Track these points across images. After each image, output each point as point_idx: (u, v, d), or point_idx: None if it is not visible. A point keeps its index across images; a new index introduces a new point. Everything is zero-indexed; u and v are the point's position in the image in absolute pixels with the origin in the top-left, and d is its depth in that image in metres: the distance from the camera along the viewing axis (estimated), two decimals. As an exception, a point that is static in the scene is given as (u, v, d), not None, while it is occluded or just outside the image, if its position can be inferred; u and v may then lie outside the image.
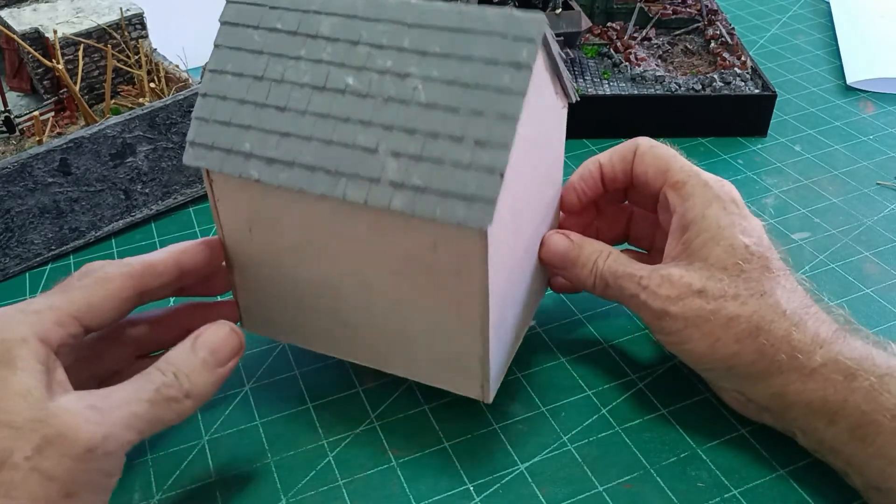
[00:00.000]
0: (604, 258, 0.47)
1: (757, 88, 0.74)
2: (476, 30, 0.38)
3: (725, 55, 0.78)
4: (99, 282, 0.41)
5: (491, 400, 0.45)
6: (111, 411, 0.36)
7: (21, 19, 0.69)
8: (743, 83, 0.74)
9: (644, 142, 0.49)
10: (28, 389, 0.35)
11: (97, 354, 0.44)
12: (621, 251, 0.48)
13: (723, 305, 0.43)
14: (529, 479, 0.45)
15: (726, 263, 0.43)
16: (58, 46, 0.64)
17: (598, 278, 0.47)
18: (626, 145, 0.50)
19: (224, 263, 0.47)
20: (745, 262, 0.43)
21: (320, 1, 0.41)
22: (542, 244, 0.48)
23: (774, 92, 0.73)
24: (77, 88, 0.64)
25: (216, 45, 0.42)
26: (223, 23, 0.42)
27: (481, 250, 0.39)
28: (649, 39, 0.83)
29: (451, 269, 0.40)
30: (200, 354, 0.40)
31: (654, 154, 0.48)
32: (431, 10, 0.40)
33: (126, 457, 0.37)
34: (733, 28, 0.83)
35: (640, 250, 0.54)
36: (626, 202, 0.54)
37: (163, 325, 0.48)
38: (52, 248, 0.61)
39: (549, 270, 0.51)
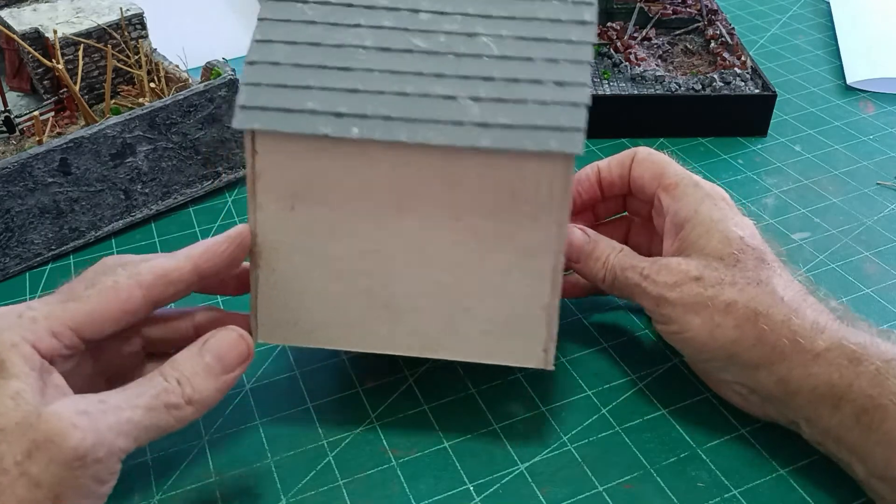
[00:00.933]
0: (615, 253, 0.48)
1: (757, 88, 0.74)
2: None
3: (725, 55, 0.78)
4: (104, 292, 0.39)
5: (552, 365, 0.44)
6: (103, 417, 0.35)
7: (21, 19, 0.69)
8: (743, 83, 0.74)
9: (643, 150, 0.51)
10: (17, 392, 0.35)
11: (104, 351, 0.43)
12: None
13: (720, 291, 0.43)
14: (529, 479, 0.45)
15: (722, 253, 0.44)
16: (58, 46, 0.64)
17: (608, 272, 0.48)
18: (625, 152, 0.52)
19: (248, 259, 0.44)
20: (740, 252, 0.44)
21: None
22: None
23: (774, 92, 0.73)
24: (77, 88, 0.64)
25: (260, 19, 0.41)
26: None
27: (566, 181, 0.40)
28: (649, 39, 0.83)
29: (527, 214, 0.41)
30: (206, 359, 0.39)
31: (651, 160, 0.50)
32: None
33: (126, 458, 0.37)
34: (733, 28, 0.83)
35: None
36: (626, 213, 0.55)
37: (176, 327, 0.46)
38: (52, 248, 0.61)
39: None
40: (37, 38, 0.67)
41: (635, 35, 0.83)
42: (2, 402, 0.34)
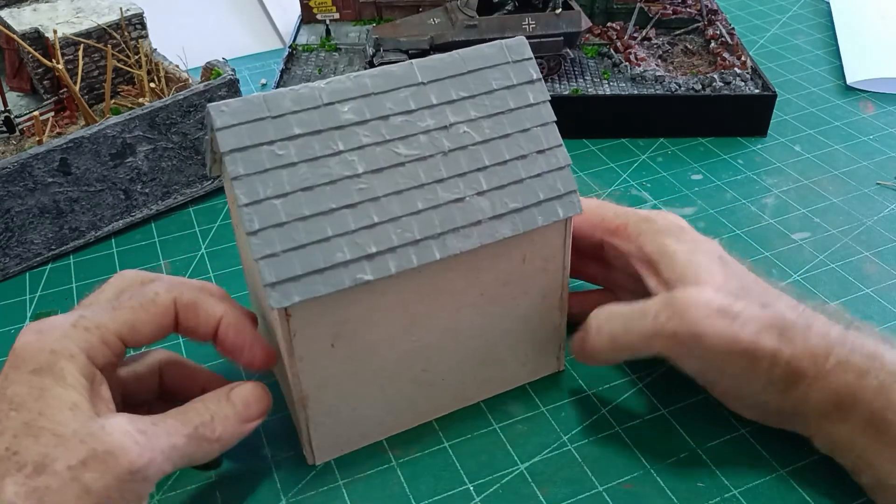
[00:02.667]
0: (604, 320, 0.45)
1: (757, 88, 0.74)
2: (482, 66, 0.43)
3: (725, 55, 0.78)
4: (146, 305, 0.41)
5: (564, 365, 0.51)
6: (158, 438, 0.37)
7: (21, 19, 0.69)
8: (743, 83, 0.74)
9: None
10: (75, 403, 0.36)
11: (126, 385, 0.44)
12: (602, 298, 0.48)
13: (749, 317, 0.41)
14: (529, 479, 0.45)
15: (719, 282, 0.43)
16: (58, 46, 0.64)
17: (612, 342, 0.45)
18: None
19: (293, 399, 0.44)
20: (730, 278, 0.44)
21: (326, 91, 0.40)
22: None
23: (774, 92, 0.73)
24: (77, 88, 0.64)
25: (235, 178, 0.38)
26: (228, 152, 0.38)
27: (568, 234, 0.45)
28: (649, 39, 0.83)
29: (539, 269, 0.46)
30: (236, 406, 0.41)
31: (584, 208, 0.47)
32: (436, 64, 0.43)
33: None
34: (733, 28, 0.83)
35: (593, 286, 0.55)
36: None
37: (193, 376, 0.46)
38: (52, 248, 0.61)
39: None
40: (37, 38, 0.67)
41: (635, 35, 0.83)
42: (61, 411, 0.36)
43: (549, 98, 0.44)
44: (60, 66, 0.62)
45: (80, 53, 0.66)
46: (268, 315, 0.44)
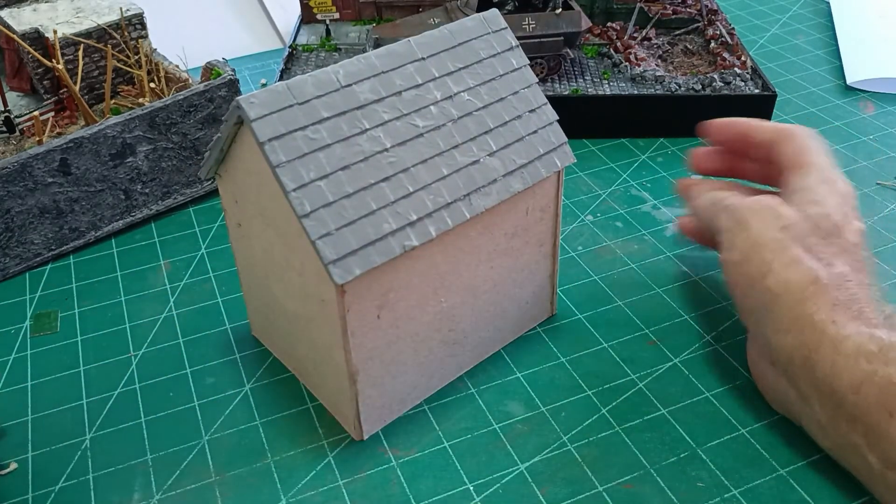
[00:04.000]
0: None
1: (757, 88, 0.74)
2: (468, 38, 0.47)
3: (725, 55, 0.78)
4: None
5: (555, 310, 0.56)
6: None
7: (21, 19, 0.69)
8: (743, 83, 0.74)
9: (800, 131, 0.53)
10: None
11: None
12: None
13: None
14: (529, 479, 0.45)
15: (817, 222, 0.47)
16: (58, 46, 0.64)
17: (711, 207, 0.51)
18: (784, 129, 0.54)
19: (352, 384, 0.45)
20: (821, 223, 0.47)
21: (342, 74, 0.42)
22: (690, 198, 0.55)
23: (774, 92, 0.73)
24: (77, 88, 0.64)
25: (277, 166, 0.39)
26: (266, 141, 0.39)
27: (558, 184, 0.50)
28: (649, 39, 0.83)
29: (537, 219, 0.50)
30: None
31: (800, 136, 0.53)
32: (429, 40, 0.46)
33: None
34: (733, 28, 0.83)
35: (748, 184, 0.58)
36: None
37: None
38: (52, 248, 0.61)
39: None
40: (37, 38, 0.67)
41: (635, 35, 0.83)
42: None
43: (528, 63, 0.49)
44: (60, 66, 0.62)
45: (80, 53, 0.66)
46: (293, 304, 0.46)
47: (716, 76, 0.74)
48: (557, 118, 0.49)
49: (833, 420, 0.42)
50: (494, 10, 0.49)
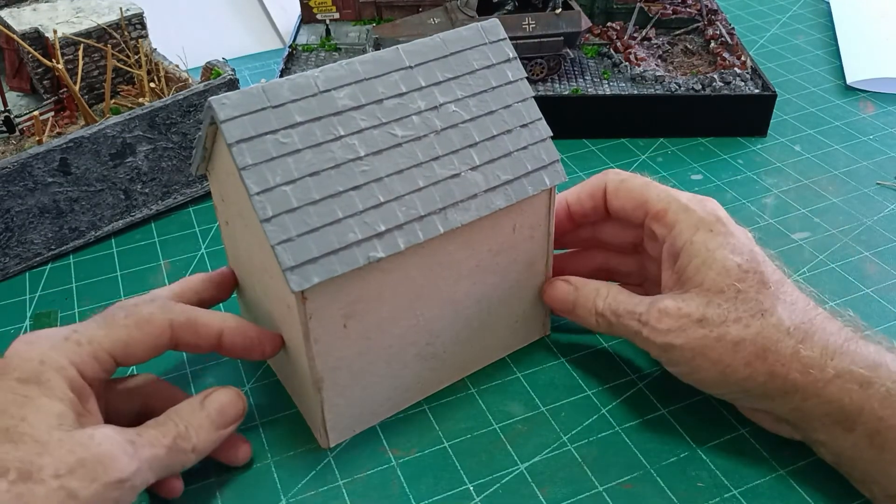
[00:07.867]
0: (602, 297, 0.47)
1: (757, 88, 0.74)
2: (462, 48, 0.45)
3: (725, 55, 0.78)
4: (140, 324, 0.41)
5: (549, 329, 0.54)
6: (143, 449, 0.38)
7: (21, 19, 0.69)
8: (743, 83, 0.74)
9: (612, 177, 0.49)
10: (61, 413, 0.37)
11: (109, 403, 0.44)
12: (619, 286, 0.48)
13: (726, 331, 0.42)
14: (529, 479, 0.45)
15: (722, 286, 0.43)
16: (58, 46, 0.64)
17: (599, 317, 0.48)
18: (594, 182, 0.50)
19: (313, 382, 0.44)
20: (739, 281, 0.43)
21: (321, 79, 0.41)
22: (544, 290, 0.51)
23: (774, 92, 0.73)
24: (77, 88, 0.64)
25: (244, 168, 0.39)
26: (234, 143, 0.39)
27: (552, 202, 0.48)
28: (649, 39, 0.83)
29: (526, 237, 0.48)
30: (210, 414, 0.42)
31: (627, 188, 0.48)
32: (420, 48, 0.44)
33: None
34: (733, 28, 0.83)
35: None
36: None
37: (173, 402, 0.44)
38: (52, 247, 0.61)
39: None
40: (37, 38, 0.67)
41: (635, 35, 0.83)
42: (47, 420, 0.36)
43: (526, 76, 0.47)
44: (60, 66, 0.62)
45: (80, 53, 0.66)
46: (268, 304, 0.45)
47: (716, 76, 0.74)
48: (552, 134, 0.47)
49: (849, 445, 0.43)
50: (494, 20, 0.47)
